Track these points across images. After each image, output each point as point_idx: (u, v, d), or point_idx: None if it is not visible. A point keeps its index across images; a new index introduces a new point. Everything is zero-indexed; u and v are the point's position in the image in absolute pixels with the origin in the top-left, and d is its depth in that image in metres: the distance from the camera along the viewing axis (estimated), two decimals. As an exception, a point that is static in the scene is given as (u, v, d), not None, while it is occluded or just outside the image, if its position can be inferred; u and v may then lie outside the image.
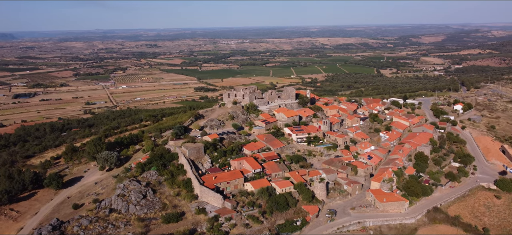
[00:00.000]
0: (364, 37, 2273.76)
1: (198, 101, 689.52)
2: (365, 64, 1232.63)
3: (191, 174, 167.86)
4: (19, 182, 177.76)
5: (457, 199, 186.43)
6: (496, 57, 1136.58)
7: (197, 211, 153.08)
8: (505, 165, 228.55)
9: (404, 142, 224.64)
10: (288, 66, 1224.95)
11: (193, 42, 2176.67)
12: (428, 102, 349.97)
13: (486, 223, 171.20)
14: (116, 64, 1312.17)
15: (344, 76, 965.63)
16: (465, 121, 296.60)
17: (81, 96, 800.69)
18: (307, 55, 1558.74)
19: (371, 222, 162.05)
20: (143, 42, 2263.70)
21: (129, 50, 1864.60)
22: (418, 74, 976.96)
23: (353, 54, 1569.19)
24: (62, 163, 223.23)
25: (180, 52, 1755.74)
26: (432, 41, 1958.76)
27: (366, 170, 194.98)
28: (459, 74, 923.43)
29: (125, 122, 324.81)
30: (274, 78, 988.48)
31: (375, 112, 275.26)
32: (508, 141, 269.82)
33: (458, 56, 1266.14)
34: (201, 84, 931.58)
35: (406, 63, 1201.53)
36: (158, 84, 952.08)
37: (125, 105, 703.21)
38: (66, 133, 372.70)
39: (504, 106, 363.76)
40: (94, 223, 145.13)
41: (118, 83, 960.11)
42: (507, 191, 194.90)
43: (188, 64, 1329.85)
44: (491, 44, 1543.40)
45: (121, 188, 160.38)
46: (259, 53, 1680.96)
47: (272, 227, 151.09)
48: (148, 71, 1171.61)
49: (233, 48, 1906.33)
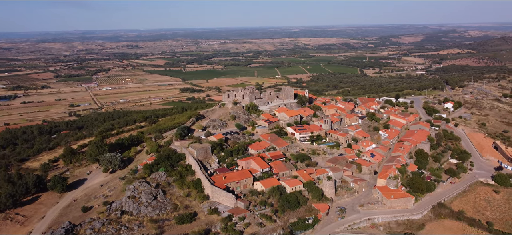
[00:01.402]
0: (345, 37, 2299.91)
1: (186, 102, 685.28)
2: (348, 64, 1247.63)
3: (200, 175, 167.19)
4: (22, 186, 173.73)
5: (458, 195, 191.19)
6: (474, 57, 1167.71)
7: (209, 211, 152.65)
8: (499, 161, 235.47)
9: (404, 140, 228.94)
10: (272, 67, 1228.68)
11: (175, 42, 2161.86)
12: (419, 101, 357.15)
13: (489, 217, 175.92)
14: (98, 65, 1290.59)
15: (329, 76, 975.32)
16: (456, 119, 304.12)
17: (64, 98, 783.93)
18: (290, 55, 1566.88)
19: (380, 219, 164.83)
20: (124, 43, 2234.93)
21: (110, 51, 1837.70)
22: (401, 74, 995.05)
23: (335, 54, 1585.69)
24: (62, 165, 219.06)
25: (162, 53, 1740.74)
26: (411, 41, 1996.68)
27: (370, 168, 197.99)
28: (440, 73, 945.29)
29: (119, 124, 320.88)
30: (259, 79, 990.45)
31: (371, 111, 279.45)
32: (499, 138, 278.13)
33: (438, 56, 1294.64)
34: (186, 85, 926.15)
35: (388, 63, 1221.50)
36: (142, 85, 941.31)
37: (111, 106, 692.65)
38: (55, 136, 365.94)
39: (491, 104, 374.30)
40: (107, 225, 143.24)
41: (101, 85, 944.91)
42: (505, 186, 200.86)
43: (172, 65, 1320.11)
44: (469, 43, 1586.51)
45: (131, 190, 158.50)
46: (242, 53, 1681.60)
47: (285, 225, 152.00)
48: (131, 72, 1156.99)
49: (216, 48, 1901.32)
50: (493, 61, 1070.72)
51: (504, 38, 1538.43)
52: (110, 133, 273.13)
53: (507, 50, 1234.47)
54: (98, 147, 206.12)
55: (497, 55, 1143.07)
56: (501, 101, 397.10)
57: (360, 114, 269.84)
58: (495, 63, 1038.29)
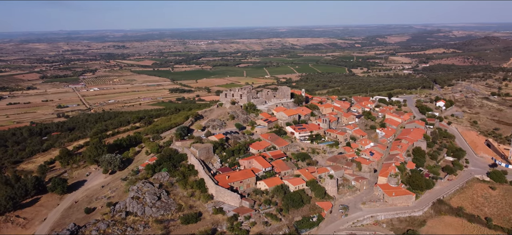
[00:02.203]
0: (332, 37, 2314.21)
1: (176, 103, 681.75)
2: (336, 63, 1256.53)
3: (204, 175, 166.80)
4: (21, 188, 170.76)
5: (456, 191, 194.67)
6: (459, 56, 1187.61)
7: (214, 211, 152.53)
8: (493, 158, 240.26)
9: (401, 138, 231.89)
10: (261, 67, 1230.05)
11: (162, 43, 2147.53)
12: (411, 100, 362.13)
13: (487, 213, 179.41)
14: (84, 66, 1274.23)
15: (318, 76, 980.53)
16: (449, 117, 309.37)
17: (51, 99, 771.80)
18: (278, 55, 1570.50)
19: (383, 216, 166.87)
20: (110, 43, 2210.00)
21: (96, 51, 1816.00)
22: (389, 73, 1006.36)
23: (323, 54, 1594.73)
24: (59, 167, 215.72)
25: (149, 53, 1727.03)
26: (397, 41, 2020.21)
27: (370, 166, 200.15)
28: (427, 72, 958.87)
29: (113, 125, 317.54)
30: (248, 79, 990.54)
31: (366, 109, 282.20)
32: (491, 135, 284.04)
33: (424, 55, 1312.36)
34: (175, 85, 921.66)
35: (376, 63, 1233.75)
36: (131, 86, 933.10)
37: (99, 107, 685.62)
38: (47, 137, 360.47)
39: (481, 103, 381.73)
40: (112, 226, 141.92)
41: (88, 86, 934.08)
42: (500, 182, 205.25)
43: (160, 65, 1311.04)
44: (454, 43, 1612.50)
45: (134, 191, 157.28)
46: (230, 53, 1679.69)
47: (291, 224, 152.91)
48: (118, 73, 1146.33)
49: (204, 49, 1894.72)
50: (478, 60, 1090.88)
51: (488, 38, 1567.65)
52: (105, 134, 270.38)
53: (491, 49, 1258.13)
54: (96, 148, 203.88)
55: (481, 54, 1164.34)
56: (490, 99, 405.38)
57: (356, 113, 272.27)
58: (479, 63, 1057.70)
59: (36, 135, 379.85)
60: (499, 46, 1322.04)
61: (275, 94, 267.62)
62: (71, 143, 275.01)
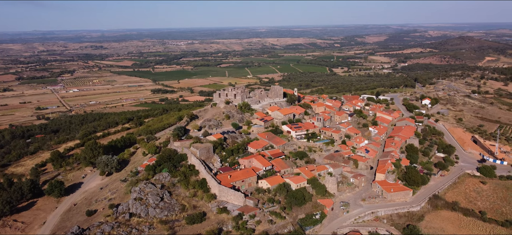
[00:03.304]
0: (312, 37, 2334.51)
1: (159, 103, 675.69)
2: (317, 63, 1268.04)
3: (206, 174, 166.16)
4: (17, 191, 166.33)
5: (450, 187, 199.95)
6: (436, 56, 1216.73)
7: (219, 210, 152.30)
8: (481, 153, 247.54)
9: (394, 136, 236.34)
10: (243, 67, 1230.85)
11: (141, 43, 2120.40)
12: (397, 98, 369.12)
13: (481, 207, 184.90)
14: (62, 67, 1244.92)
15: (300, 75, 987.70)
16: (435, 115, 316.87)
17: (29, 101, 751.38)
18: (259, 55, 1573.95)
19: (383, 212, 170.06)
20: (87, 43, 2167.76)
21: (73, 52, 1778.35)
22: (369, 72, 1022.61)
23: (303, 54, 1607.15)
24: (51, 170, 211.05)
25: (128, 54, 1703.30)
26: (375, 40, 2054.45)
27: (366, 163, 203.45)
28: (407, 71, 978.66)
29: (102, 126, 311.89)
30: (230, 79, 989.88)
31: (357, 108, 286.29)
32: (477, 132, 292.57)
33: (402, 55, 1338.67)
34: (157, 86, 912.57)
35: (356, 62, 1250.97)
36: (111, 87, 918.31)
37: (80, 109, 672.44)
38: (30, 140, 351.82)
39: (463, 100, 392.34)
40: (117, 228, 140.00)
41: (67, 87, 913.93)
42: (490, 176, 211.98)
43: (140, 66, 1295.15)
44: (431, 43, 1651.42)
45: (137, 192, 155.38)
46: (210, 53, 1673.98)
47: (294, 221, 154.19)
48: (98, 74, 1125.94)
49: (184, 49, 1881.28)
50: (454, 59, 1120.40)
51: (462, 37, 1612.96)
52: (96, 135, 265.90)
53: (466, 49, 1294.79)
54: (92, 149, 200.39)
55: (457, 54, 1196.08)
56: (472, 97, 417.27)
57: (348, 111, 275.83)
58: (456, 62, 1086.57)
59: (19, 138, 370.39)
60: (473, 46, 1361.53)
61: (268, 94, 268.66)
62: (59, 146, 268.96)
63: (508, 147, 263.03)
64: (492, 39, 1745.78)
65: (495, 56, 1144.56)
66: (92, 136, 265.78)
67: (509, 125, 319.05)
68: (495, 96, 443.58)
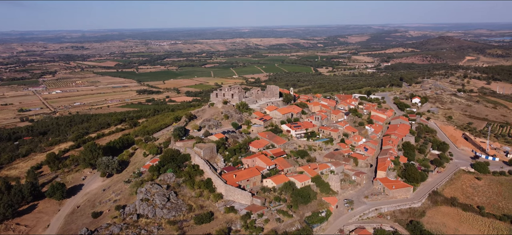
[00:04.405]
0: (295, 37, 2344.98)
1: (146, 104, 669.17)
2: (302, 63, 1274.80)
3: (211, 174, 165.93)
4: (17, 194, 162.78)
5: (447, 183, 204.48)
6: (418, 55, 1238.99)
7: (226, 210, 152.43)
8: (473, 150, 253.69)
9: (390, 134, 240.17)
10: (228, 67, 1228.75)
11: (123, 43, 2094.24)
12: (387, 97, 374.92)
13: (478, 202, 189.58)
14: (43, 68, 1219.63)
15: (286, 75, 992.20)
16: (426, 113, 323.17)
17: (10, 102, 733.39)
18: (243, 56, 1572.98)
19: (386, 208, 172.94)
20: (68, 44, 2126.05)
21: (53, 52, 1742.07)
22: (354, 72, 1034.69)
23: (287, 54, 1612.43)
24: (48, 172, 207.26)
25: (111, 54, 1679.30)
26: (358, 40, 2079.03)
27: (366, 161, 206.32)
28: (390, 71, 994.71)
29: (94, 127, 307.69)
30: (216, 79, 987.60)
31: (352, 107, 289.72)
32: (467, 129, 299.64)
33: (385, 55, 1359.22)
34: (142, 86, 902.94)
35: (340, 62, 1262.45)
36: (95, 88, 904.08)
37: (65, 110, 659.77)
38: (18, 142, 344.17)
39: (451, 99, 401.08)
40: (125, 229, 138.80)
41: (50, 88, 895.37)
42: (484, 172, 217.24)
43: (123, 67, 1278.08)
44: (412, 43, 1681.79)
45: (143, 193, 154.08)
46: (194, 54, 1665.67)
47: (301, 219, 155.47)
48: (80, 75, 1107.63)
49: (167, 49, 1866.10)
50: (435, 59, 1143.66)
51: (443, 37, 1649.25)
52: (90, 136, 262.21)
53: (447, 49, 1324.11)
54: (92, 151, 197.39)
55: (439, 53, 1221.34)
56: (458, 95, 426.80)
57: (344, 110, 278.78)
58: (437, 61, 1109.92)
59: (6, 141, 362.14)
60: (453, 46, 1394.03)
61: (264, 93, 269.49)
62: (52, 147, 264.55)
63: (498, 144, 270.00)
64: (470, 39, 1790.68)
65: (475, 55, 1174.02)
66: (87, 137, 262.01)
67: (496, 122, 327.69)
68: (480, 94, 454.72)
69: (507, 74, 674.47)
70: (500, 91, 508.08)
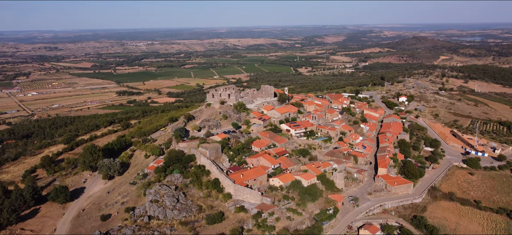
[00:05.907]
0: (272, 37, 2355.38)
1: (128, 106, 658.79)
2: (281, 63, 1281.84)
3: (218, 174, 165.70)
4: (19, 199, 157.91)
5: (443, 178, 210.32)
6: (394, 55, 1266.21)
7: (236, 209, 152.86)
8: (463, 147, 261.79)
9: (385, 132, 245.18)
10: (207, 67, 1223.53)
11: (99, 44, 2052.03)
12: (375, 96, 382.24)
13: (474, 196, 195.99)
14: (16, 69, 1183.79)
15: (267, 75, 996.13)
16: (414, 111, 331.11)
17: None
18: (222, 56, 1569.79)
19: (389, 204, 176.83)
20: (40, 44, 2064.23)
21: (26, 53, 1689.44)
22: (333, 72, 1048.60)
23: (266, 54, 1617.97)
24: (44, 175, 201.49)
25: (86, 55, 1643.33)
26: (334, 41, 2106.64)
27: (365, 159, 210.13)
28: (368, 70, 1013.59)
29: (84, 129, 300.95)
30: (197, 80, 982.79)
31: (344, 106, 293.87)
32: (454, 126, 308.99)
33: (362, 54, 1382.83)
34: (122, 88, 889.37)
35: (319, 62, 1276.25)
36: (73, 90, 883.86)
37: (43, 113, 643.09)
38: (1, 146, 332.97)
39: (434, 97, 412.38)
40: (138, 231, 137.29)
41: (25, 90, 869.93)
42: (476, 168, 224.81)
43: (100, 68, 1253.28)
44: (388, 43, 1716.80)
45: (152, 194, 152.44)
46: (172, 54, 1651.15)
47: (311, 217, 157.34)
48: (56, 76, 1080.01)
49: (144, 50, 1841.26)
50: (411, 58, 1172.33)
51: (417, 37, 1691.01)
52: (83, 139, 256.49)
53: (422, 49, 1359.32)
54: (92, 153, 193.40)
55: (414, 53, 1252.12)
56: (440, 94, 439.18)
57: (338, 109, 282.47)
58: (413, 61, 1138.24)
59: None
60: (428, 45, 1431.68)
61: (259, 93, 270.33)
62: (42, 150, 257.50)
63: (485, 140, 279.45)
64: (443, 39, 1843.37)
65: (449, 55, 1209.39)
66: (79, 139, 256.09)
67: (479, 119, 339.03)
68: (460, 92, 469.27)
69: (482, 73, 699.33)
70: (479, 90, 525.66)
